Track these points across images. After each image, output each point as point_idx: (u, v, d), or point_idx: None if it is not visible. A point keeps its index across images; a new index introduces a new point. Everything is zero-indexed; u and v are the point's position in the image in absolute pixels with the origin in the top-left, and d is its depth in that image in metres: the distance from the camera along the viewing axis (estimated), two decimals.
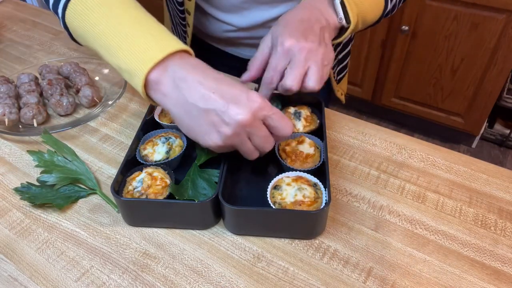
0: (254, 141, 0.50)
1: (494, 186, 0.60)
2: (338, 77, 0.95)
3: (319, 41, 0.57)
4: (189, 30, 0.82)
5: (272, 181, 0.55)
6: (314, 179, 0.55)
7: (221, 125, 0.47)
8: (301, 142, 0.59)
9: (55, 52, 0.95)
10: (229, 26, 0.79)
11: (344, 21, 0.60)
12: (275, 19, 0.77)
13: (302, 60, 0.55)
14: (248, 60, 0.92)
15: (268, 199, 0.52)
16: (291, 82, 0.55)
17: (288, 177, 0.55)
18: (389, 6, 0.69)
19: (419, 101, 1.92)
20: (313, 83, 0.55)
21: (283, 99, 0.68)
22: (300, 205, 0.51)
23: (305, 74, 0.56)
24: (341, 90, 0.97)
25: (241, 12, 0.76)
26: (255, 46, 0.69)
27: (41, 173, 0.60)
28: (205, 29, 0.83)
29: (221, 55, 0.89)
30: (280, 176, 0.55)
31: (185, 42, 0.78)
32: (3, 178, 0.62)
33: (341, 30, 0.62)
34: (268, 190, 0.54)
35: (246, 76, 0.61)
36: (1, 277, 0.49)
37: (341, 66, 0.94)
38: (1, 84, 0.76)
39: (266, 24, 0.78)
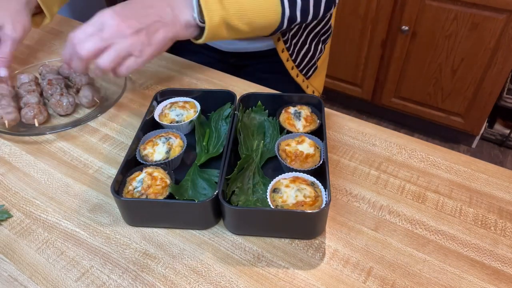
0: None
1: (494, 186, 0.60)
2: (306, 73, 0.90)
3: (139, 30, 0.57)
4: None
5: (270, 185, 0.55)
6: (311, 178, 0.55)
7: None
8: (301, 142, 0.59)
9: (55, 52, 0.95)
10: None
11: (197, 20, 0.60)
12: None
13: (106, 37, 0.56)
14: (228, 52, 0.90)
15: (269, 202, 0.52)
16: (84, 50, 0.56)
17: (285, 179, 0.55)
18: (288, 12, 0.67)
19: (419, 101, 1.92)
20: (101, 61, 0.57)
21: (283, 100, 0.68)
22: (303, 205, 0.51)
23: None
24: (312, 87, 0.93)
25: None
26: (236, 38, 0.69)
27: None
28: None
29: (202, 45, 0.87)
30: (276, 179, 0.55)
31: None
32: (3, 178, 0.62)
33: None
34: (268, 193, 0.53)
35: None
36: (1, 277, 0.49)
37: (305, 60, 0.89)
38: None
39: None
